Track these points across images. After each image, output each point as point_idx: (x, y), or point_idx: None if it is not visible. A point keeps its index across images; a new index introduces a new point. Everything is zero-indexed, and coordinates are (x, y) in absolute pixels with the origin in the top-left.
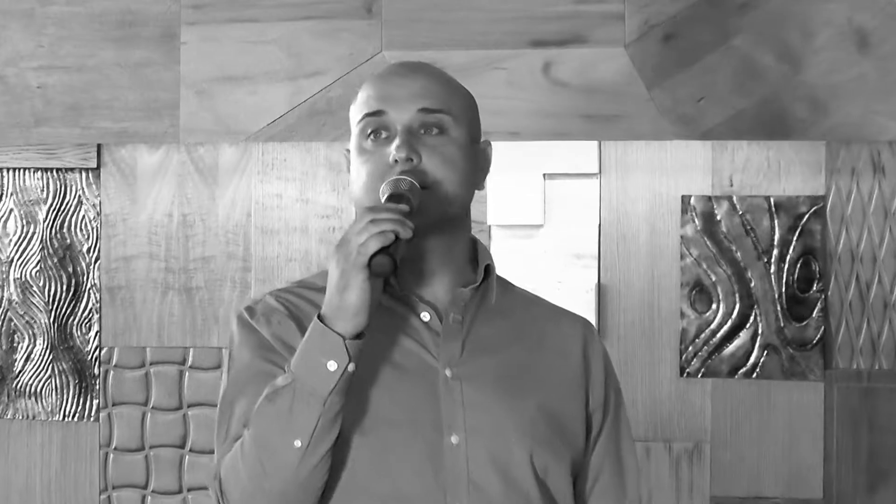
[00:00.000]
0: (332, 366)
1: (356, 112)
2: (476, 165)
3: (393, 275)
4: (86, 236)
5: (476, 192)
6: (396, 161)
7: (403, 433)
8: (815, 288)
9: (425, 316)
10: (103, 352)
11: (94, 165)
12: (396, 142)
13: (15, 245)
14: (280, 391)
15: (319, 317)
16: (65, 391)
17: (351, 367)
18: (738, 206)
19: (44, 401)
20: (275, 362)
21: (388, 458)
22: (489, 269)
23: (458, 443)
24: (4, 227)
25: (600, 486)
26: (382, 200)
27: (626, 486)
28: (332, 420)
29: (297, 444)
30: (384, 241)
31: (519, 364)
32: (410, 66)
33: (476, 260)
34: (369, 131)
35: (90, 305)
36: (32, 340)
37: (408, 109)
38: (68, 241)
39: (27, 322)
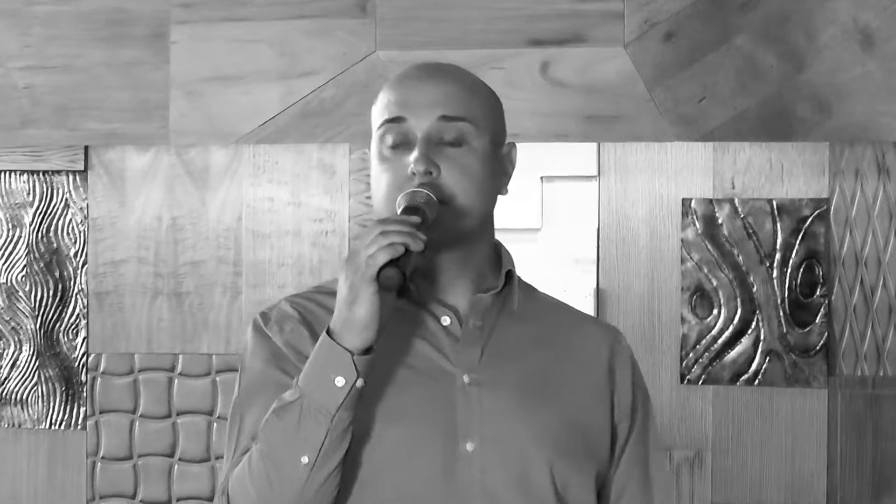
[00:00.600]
0: (339, 381)
1: (376, 116)
2: (498, 171)
3: (402, 288)
4: (73, 240)
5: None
6: (415, 174)
7: (416, 438)
8: (818, 292)
9: (445, 320)
10: (91, 358)
11: (82, 168)
12: (415, 153)
13: (0, 249)
14: (288, 406)
15: (328, 331)
16: (51, 399)
17: (359, 382)
18: (739, 209)
19: (30, 408)
20: (286, 371)
21: (400, 465)
22: (511, 274)
23: (473, 450)
24: None
25: (626, 500)
26: (398, 212)
27: (653, 501)
28: (340, 436)
29: (305, 460)
30: (393, 254)
31: (541, 371)
32: (432, 70)
33: (500, 265)
34: (389, 139)
35: (77, 311)
36: (18, 347)
37: (428, 117)
38: (55, 245)
39: (13, 328)
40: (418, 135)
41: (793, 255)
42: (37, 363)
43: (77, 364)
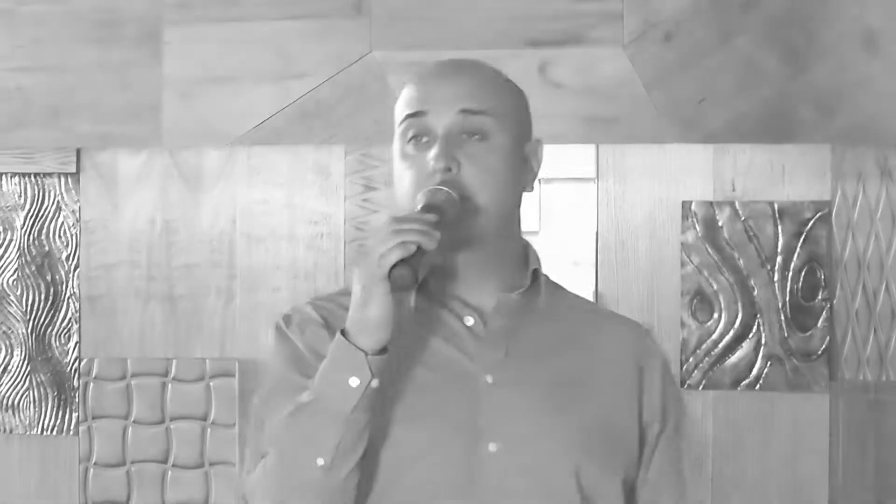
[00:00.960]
0: (353, 382)
1: (398, 112)
2: (523, 168)
3: (413, 287)
4: (65, 243)
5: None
6: (436, 170)
7: (438, 439)
8: (820, 296)
9: (469, 320)
10: (83, 363)
11: (74, 170)
12: (435, 149)
13: None
14: (302, 408)
15: (343, 331)
16: (43, 404)
17: (374, 383)
18: (740, 212)
19: (21, 414)
20: (307, 374)
21: (421, 466)
22: (537, 273)
23: (496, 451)
24: None
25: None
26: (418, 209)
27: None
28: (355, 437)
29: (320, 462)
30: (405, 253)
31: (567, 372)
32: (454, 65)
33: (527, 264)
34: (410, 135)
35: (69, 315)
36: (10, 351)
37: (448, 111)
38: (47, 248)
39: (4, 332)
40: (439, 130)
41: (794, 259)
42: (28, 368)
43: (69, 369)
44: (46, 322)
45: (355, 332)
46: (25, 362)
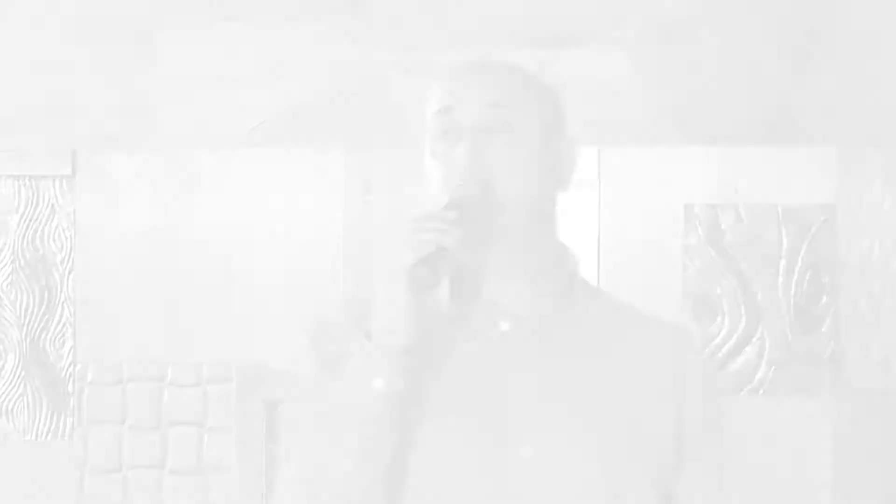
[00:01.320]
0: (377, 384)
1: (426, 111)
2: (554, 166)
3: (435, 287)
4: (59, 247)
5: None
6: (462, 165)
7: (470, 443)
8: (824, 300)
9: (503, 325)
10: (78, 368)
11: (69, 172)
12: (462, 143)
13: None
14: (327, 411)
15: (366, 333)
16: (38, 409)
17: (398, 385)
18: (743, 215)
19: (16, 419)
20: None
21: (452, 470)
22: (573, 276)
23: (531, 457)
24: None
25: None
26: (441, 207)
27: None
28: (380, 440)
29: (346, 467)
30: (424, 252)
31: (603, 377)
32: (481, 61)
33: (564, 266)
34: (437, 131)
35: (64, 319)
36: (3, 356)
37: (474, 105)
38: (41, 251)
39: None
40: (466, 124)
41: (798, 262)
42: (22, 373)
43: (64, 374)
44: (41, 326)
45: (378, 333)
46: (19, 367)
